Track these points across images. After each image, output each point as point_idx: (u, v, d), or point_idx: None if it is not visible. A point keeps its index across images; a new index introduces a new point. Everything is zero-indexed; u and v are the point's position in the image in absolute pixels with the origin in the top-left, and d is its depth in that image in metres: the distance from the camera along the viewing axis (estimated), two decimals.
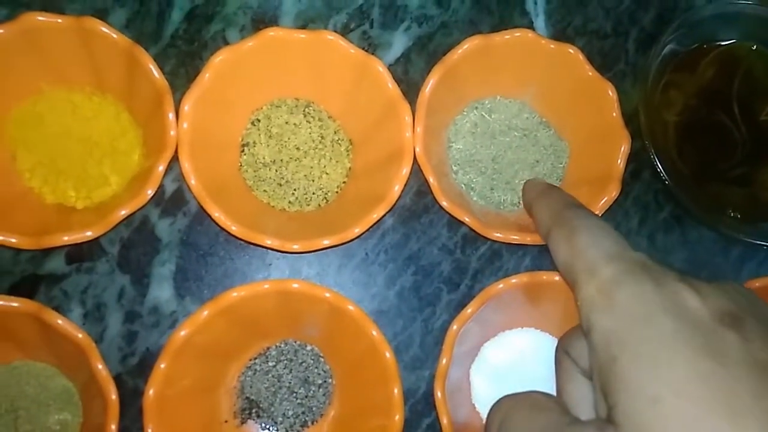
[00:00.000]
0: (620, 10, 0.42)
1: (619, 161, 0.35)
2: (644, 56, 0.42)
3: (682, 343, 0.16)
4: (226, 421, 0.33)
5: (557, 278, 0.32)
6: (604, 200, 0.34)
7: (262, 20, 0.38)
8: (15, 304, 0.29)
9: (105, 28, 0.32)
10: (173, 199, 0.36)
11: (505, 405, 0.22)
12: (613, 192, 0.34)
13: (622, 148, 0.35)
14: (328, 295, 0.31)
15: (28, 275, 0.34)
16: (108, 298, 0.34)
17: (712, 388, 0.15)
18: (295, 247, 0.31)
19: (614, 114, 0.35)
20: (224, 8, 0.38)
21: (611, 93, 0.35)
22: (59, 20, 0.31)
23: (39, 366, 0.32)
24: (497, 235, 0.32)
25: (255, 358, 0.34)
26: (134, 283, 0.35)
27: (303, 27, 0.39)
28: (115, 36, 0.32)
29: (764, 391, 0.15)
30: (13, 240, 0.29)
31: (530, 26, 0.41)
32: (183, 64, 0.37)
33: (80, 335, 0.29)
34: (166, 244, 0.35)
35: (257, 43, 0.33)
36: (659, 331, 0.17)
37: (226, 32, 0.38)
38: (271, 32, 0.33)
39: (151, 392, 0.29)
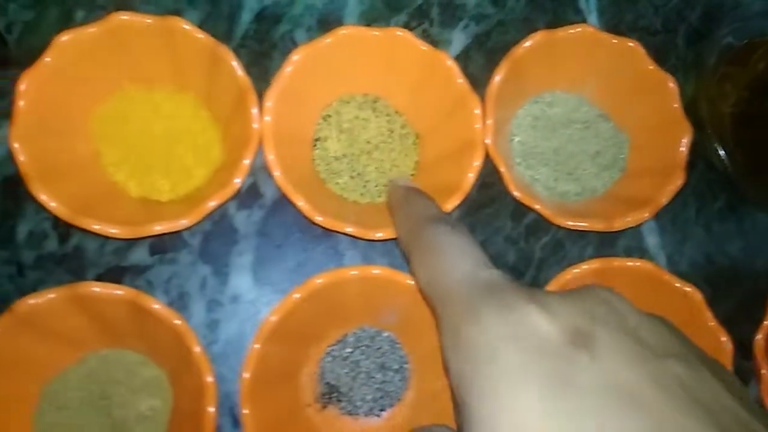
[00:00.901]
0: (669, 7, 0.44)
1: (682, 150, 0.36)
2: (694, 51, 0.43)
3: (527, 376, 0.15)
4: (309, 405, 0.34)
5: (630, 263, 0.33)
6: (670, 189, 0.35)
7: (327, 21, 0.40)
8: (119, 292, 0.30)
9: (190, 28, 0.33)
10: (249, 193, 0.37)
11: None
12: (678, 181, 0.35)
13: (685, 139, 0.36)
14: (410, 282, 0.32)
15: (113, 267, 0.35)
16: (191, 287, 0.36)
17: (554, 426, 0.14)
18: (379, 235, 0.32)
19: (675, 105, 0.36)
20: (291, 9, 0.40)
21: (672, 85, 0.37)
22: (147, 20, 0.33)
23: (128, 354, 0.33)
24: (569, 223, 0.34)
25: (333, 345, 0.35)
26: (215, 273, 0.36)
27: (366, 26, 0.40)
28: (200, 35, 0.33)
29: (610, 418, 0.14)
30: (114, 230, 0.30)
31: (584, 23, 0.42)
32: (254, 63, 0.38)
33: (178, 321, 0.30)
34: (244, 235, 0.37)
35: (334, 40, 0.34)
36: (503, 366, 0.16)
37: (294, 33, 0.39)
38: (344, 30, 0.34)
39: (246, 375, 0.30)
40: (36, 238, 0.35)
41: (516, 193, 0.34)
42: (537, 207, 0.34)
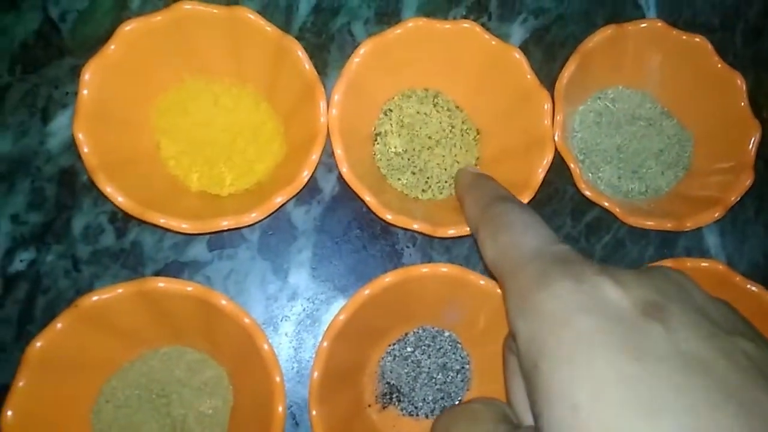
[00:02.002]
0: (727, 4, 0.43)
1: (750, 149, 0.35)
2: (752, 49, 0.43)
3: (602, 342, 0.15)
4: (369, 406, 0.34)
5: (704, 264, 0.33)
6: (739, 188, 0.34)
7: (385, 13, 0.39)
8: (189, 289, 0.29)
9: (257, 18, 0.32)
10: (308, 188, 0.36)
11: (445, 417, 0.22)
12: (746, 180, 0.35)
13: (754, 138, 0.35)
14: (480, 281, 0.31)
15: (171, 262, 0.35)
16: (249, 283, 0.35)
17: (632, 389, 0.14)
18: (451, 232, 0.32)
19: (742, 104, 0.36)
20: (349, 2, 0.39)
21: (739, 82, 0.36)
22: (214, 10, 0.32)
23: (188, 351, 0.33)
24: (645, 222, 0.33)
25: (394, 344, 0.35)
26: (274, 269, 0.35)
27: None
28: (267, 27, 0.32)
29: (686, 385, 0.14)
30: (185, 225, 0.29)
31: (643, 18, 0.41)
32: (312, 56, 0.37)
33: (247, 319, 0.30)
34: (302, 231, 0.36)
35: (402, 32, 0.33)
36: (578, 331, 0.16)
37: (352, 25, 0.39)
38: (412, 22, 0.34)
39: (316, 374, 0.30)
40: (92, 232, 0.34)
41: (587, 192, 0.33)
42: (606, 205, 0.33)
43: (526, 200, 0.33)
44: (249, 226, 0.31)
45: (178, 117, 0.34)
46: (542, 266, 0.19)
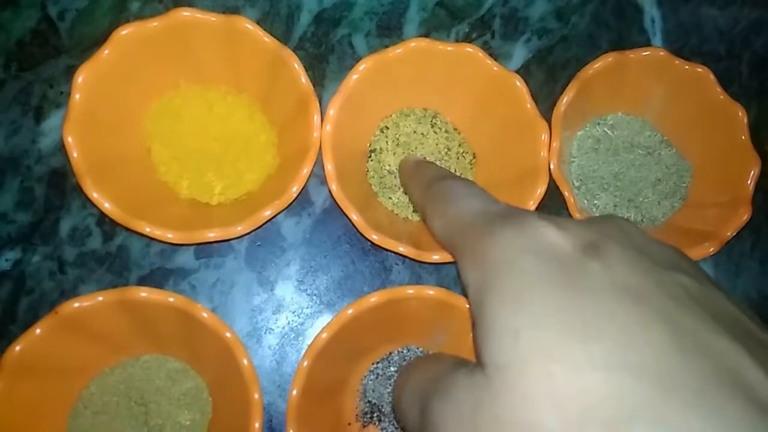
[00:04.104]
0: (734, 33, 0.42)
1: (749, 184, 0.35)
2: (758, 80, 0.42)
3: (542, 278, 0.16)
4: (349, 424, 0.33)
5: None
6: (735, 223, 0.34)
7: (387, 27, 0.39)
8: (171, 299, 0.29)
9: (254, 28, 0.32)
10: (299, 200, 0.36)
11: (406, 364, 0.22)
12: (744, 216, 0.34)
13: (753, 171, 0.35)
14: (466, 305, 0.31)
15: (157, 268, 0.34)
16: (235, 294, 0.35)
17: (569, 316, 0.15)
18: (435, 258, 0.31)
19: (743, 137, 0.35)
20: (351, 13, 0.39)
21: (741, 115, 0.35)
22: (212, 18, 0.31)
23: (169, 361, 0.32)
24: None
25: (377, 363, 0.34)
26: (260, 280, 0.35)
27: (426, 35, 0.39)
28: (266, 38, 0.32)
29: (619, 310, 0.15)
30: (170, 235, 0.29)
31: (648, 44, 0.41)
32: (310, 66, 0.37)
33: (228, 333, 0.29)
34: (291, 243, 0.36)
35: (403, 51, 0.33)
36: (520, 271, 0.16)
37: (353, 37, 0.38)
38: (414, 42, 0.33)
39: (294, 392, 0.29)
40: (79, 234, 0.34)
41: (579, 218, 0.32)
42: None
43: None
44: (236, 238, 0.31)
45: (171, 123, 0.34)
46: (487, 222, 0.19)
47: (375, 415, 0.34)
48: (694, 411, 0.13)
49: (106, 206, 0.29)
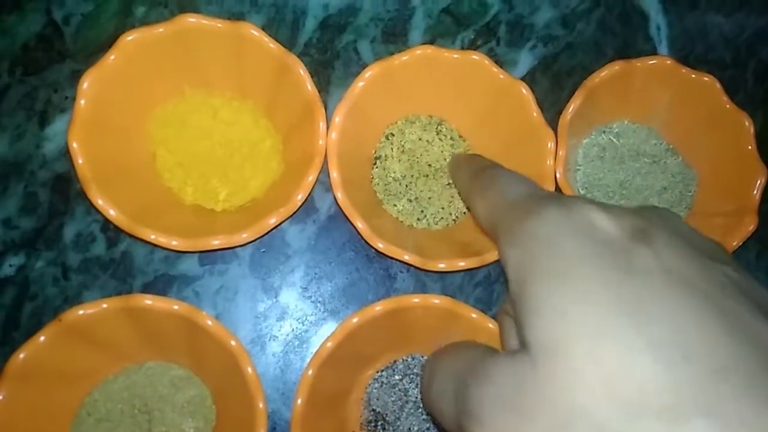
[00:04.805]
0: (740, 41, 0.42)
1: (755, 193, 0.34)
2: (763, 88, 0.42)
3: (590, 258, 0.16)
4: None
5: None
6: (741, 233, 0.34)
7: (393, 33, 0.39)
8: (175, 307, 0.29)
9: (260, 34, 0.32)
10: (304, 207, 0.36)
11: (435, 352, 0.22)
12: (750, 225, 0.34)
13: (759, 181, 0.34)
14: (474, 315, 0.31)
15: (161, 275, 0.34)
16: (239, 301, 0.34)
17: (618, 296, 0.15)
18: (441, 266, 0.31)
19: (749, 146, 0.35)
20: (356, 19, 0.38)
21: (747, 124, 0.35)
22: (218, 24, 0.31)
23: (173, 368, 0.32)
24: None
25: (382, 371, 0.34)
26: (264, 287, 0.35)
27: (431, 42, 0.39)
28: (271, 44, 0.32)
29: (671, 296, 0.15)
30: (175, 243, 0.29)
31: (654, 52, 0.41)
32: (316, 72, 0.37)
33: (233, 341, 0.29)
34: (296, 250, 0.35)
35: (409, 58, 0.33)
36: (567, 250, 0.16)
37: (358, 43, 0.38)
38: (420, 50, 0.33)
39: (299, 401, 0.29)
40: (83, 240, 0.34)
41: None
42: None
43: None
44: (240, 246, 0.31)
45: (176, 129, 0.34)
46: (532, 201, 0.19)
47: (379, 423, 0.34)
48: (748, 401, 0.13)
49: (111, 213, 0.29)
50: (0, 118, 0.35)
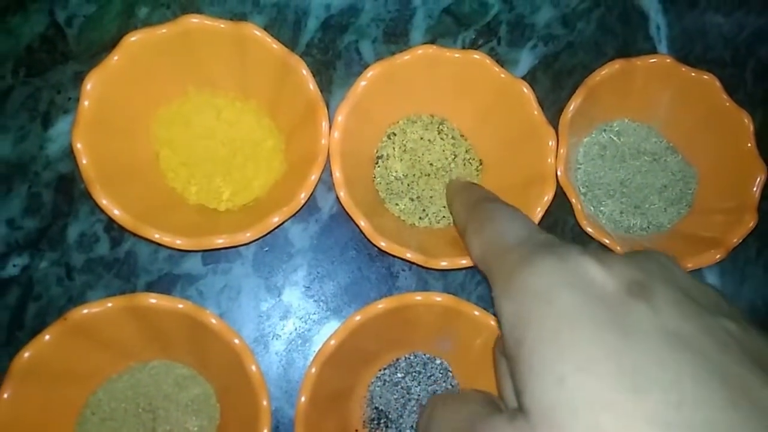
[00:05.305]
0: (739, 41, 0.43)
1: (755, 191, 0.35)
2: (762, 87, 0.42)
3: (586, 317, 0.15)
4: (356, 430, 0.33)
5: None
6: (741, 230, 0.34)
7: (394, 33, 0.39)
8: (180, 306, 0.29)
9: (262, 35, 0.32)
10: (306, 207, 0.36)
11: (435, 399, 0.22)
12: (750, 222, 0.34)
13: (759, 178, 0.35)
14: (476, 313, 0.31)
15: (165, 274, 0.34)
16: (242, 300, 0.35)
17: (617, 362, 0.14)
18: (443, 264, 0.31)
19: (749, 144, 0.35)
20: (358, 19, 0.39)
21: (746, 122, 0.35)
22: (221, 25, 0.32)
23: (177, 367, 0.32)
24: None
25: (384, 369, 0.34)
26: (267, 286, 0.35)
27: (432, 42, 0.39)
28: (274, 45, 0.32)
29: (670, 360, 0.14)
30: (179, 242, 0.29)
31: (654, 51, 0.41)
32: (317, 72, 0.37)
33: (236, 339, 0.29)
34: (299, 249, 0.36)
35: (411, 58, 0.33)
36: (562, 307, 0.16)
37: (359, 43, 0.38)
38: (421, 49, 0.33)
39: (303, 399, 0.29)
40: (87, 240, 0.34)
41: (589, 229, 0.33)
42: (607, 242, 0.33)
43: None
44: (244, 245, 0.31)
45: (179, 129, 0.34)
46: (527, 250, 0.19)
47: (382, 421, 0.34)
48: None
49: (116, 213, 0.29)
50: (3, 119, 0.35)
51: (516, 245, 0.20)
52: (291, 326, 0.35)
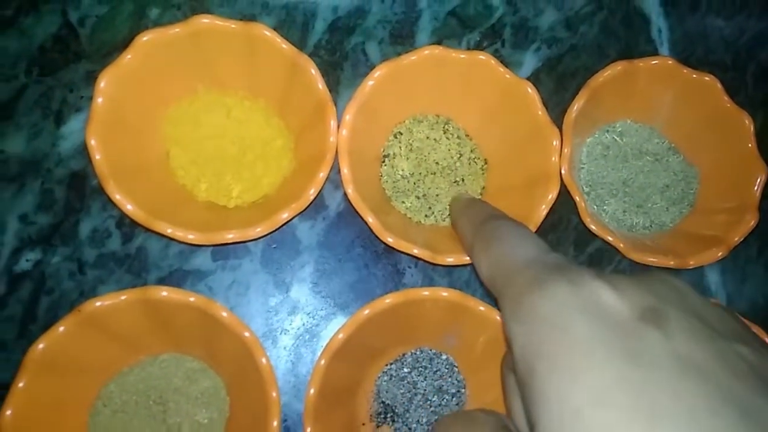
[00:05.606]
0: (740, 44, 0.43)
1: (756, 190, 0.35)
2: (763, 91, 0.43)
3: (600, 346, 0.15)
4: (363, 424, 0.34)
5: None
6: (742, 229, 0.34)
7: (400, 35, 0.40)
8: (192, 299, 0.30)
9: (273, 35, 0.33)
10: (314, 205, 0.36)
11: (446, 419, 0.22)
12: (751, 221, 0.35)
13: (759, 179, 0.35)
14: (482, 308, 0.31)
15: (175, 270, 0.35)
16: (251, 295, 0.35)
17: (631, 394, 0.14)
18: (450, 260, 0.32)
19: (750, 145, 0.36)
20: (365, 21, 0.39)
21: (747, 123, 0.36)
22: (232, 25, 0.32)
23: (188, 360, 0.33)
24: (648, 259, 0.33)
25: (391, 364, 0.35)
26: (276, 282, 0.35)
27: (437, 43, 0.40)
28: (284, 45, 0.33)
29: (685, 391, 0.14)
30: (191, 236, 0.30)
31: (655, 54, 0.42)
32: (325, 73, 0.38)
33: (247, 333, 0.30)
34: (306, 246, 0.36)
35: (418, 58, 0.33)
36: (575, 335, 0.15)
37: (366, 45, 0.39)
38: (428, 50, 0.34)
39: (312, 391, 0.30)
40: (99, 236, 0.35)
41: (592, 226, 0.33)
42: (610, 239, 0.33)
43: None
44: (254, 240, 0.32)
45: (189, 128, 0.35)
46: (537, 272, 0.19)
47: (388, 415, 0.34)
48: None
49: (129, 208, 0.30)
50: (17, 117, 0.35)
51: (525, 267, 0.19)
52: (299, 321, 0.35)
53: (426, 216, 0.36)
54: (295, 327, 0.35)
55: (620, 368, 0.15)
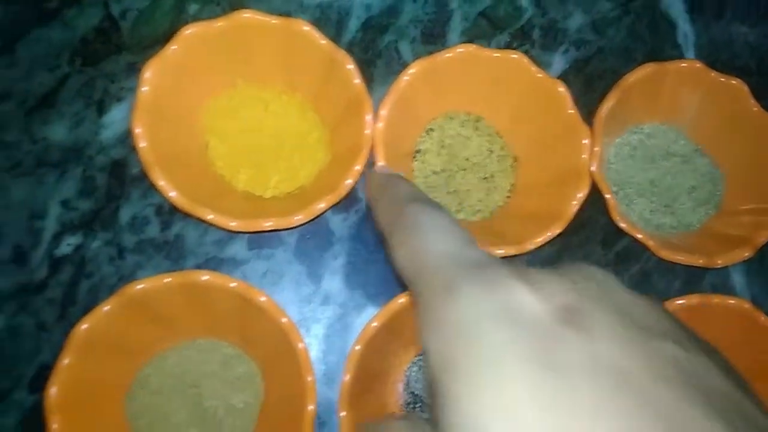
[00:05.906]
0: (764, 50, 0.44)
1: None
2: None
3: (513, 355, 0.14)
4: (394, 413, 0.34)
5: (731, 302, 0.33)
6: None
7: (432, 34, 0.40)
8: (233, 285, 0.30)
9: (312, 31, 0.33)
10: (347, 197, 0.37)
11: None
12: None
13: None
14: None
15: (211, 257, 0.36)
16: (284, 285, 0.36)
17: (546, 408, 0.13)
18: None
19: None
20: (397, 20, 0.40)
21: None
22: (272, 20, 0.33)
23: (224, 345, 0.34)
24: (677, 257, 0.34)
25: (420, 354, 0.35)
26: (309, 273, 0.36)
27: (468, 43, 0.41)
28: (321, 40, 0.33)
29: (605, 400, 0.13)
30: (233, 223, 0.31)
31: (681, 58, 0.43)
32: (358, 71, 0.39)
33: (284, 318, 0.31)
34: (339, 238, 0.37)
35: (453, 56, 0.34)
36: (487, 344, 0.14)
37: (399, 43, 0.40)
38: (461, 48, 0.35)
39: (347, 377, 0.30)
40: (138, 222, 0.35)
41: (622, 224, 0.34)
42: (640, 237, 0.34)
43: (557, 231, 0.34)
44: (291, 228, 0.33)
45: (228, 120, 0.35)
46: (453, 272, 0.17)
47: (418, 405, 0.35)
48: None
49: (172, 194, 0.31)
50: (60, 105, 0.36)
51: (441, 263, 0.17)
52: (331, 312, 0.36)
53: (456, 211, 0.37)
54: (327, 316, 0.36)
55: (534, 378, 0.13)
